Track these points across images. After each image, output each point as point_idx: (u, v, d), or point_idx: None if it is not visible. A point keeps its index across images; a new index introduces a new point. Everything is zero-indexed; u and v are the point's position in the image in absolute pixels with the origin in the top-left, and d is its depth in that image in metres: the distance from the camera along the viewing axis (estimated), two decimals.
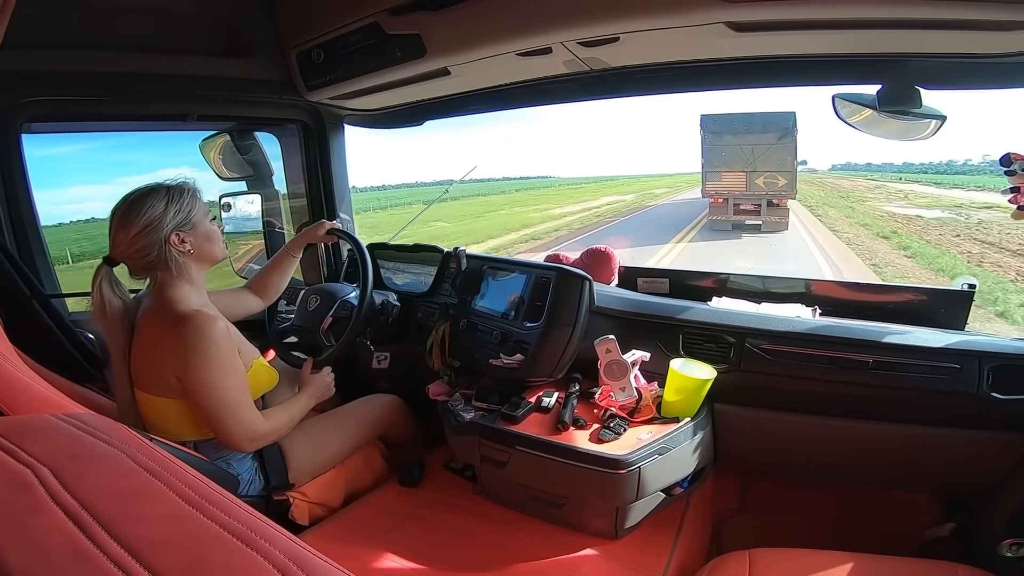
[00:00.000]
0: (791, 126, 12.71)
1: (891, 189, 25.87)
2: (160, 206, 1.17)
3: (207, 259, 1.26)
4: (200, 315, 1.16)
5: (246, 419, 1.21)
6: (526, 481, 1.31)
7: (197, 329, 1.14)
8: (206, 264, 1.26)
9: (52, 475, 0.37)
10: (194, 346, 1.14)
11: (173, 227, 1.18)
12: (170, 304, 1.18)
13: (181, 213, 1.19)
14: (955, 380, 1.19)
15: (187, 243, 1.20)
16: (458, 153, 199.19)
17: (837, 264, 9.94)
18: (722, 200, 13.36)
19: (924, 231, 13.30)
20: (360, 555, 1.22)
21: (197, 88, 1.67)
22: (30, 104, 1.47)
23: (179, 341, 1.14)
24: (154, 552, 0.32)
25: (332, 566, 0.35)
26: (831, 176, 42.22)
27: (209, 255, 1.25)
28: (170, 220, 1.17)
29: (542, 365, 1.43)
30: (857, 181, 33.69)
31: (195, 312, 1.17)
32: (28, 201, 1.53)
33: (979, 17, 0.92)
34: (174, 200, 1.18)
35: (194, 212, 1.21)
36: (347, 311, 1.55)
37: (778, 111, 13.30)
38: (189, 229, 1.20)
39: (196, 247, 1.21)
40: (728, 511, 1.60)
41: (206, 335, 1.15)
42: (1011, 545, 1.11)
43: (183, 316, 1.15)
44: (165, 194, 1.18)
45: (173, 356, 1.15)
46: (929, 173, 34.16)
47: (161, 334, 1.17)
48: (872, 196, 22.82)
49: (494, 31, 1.25)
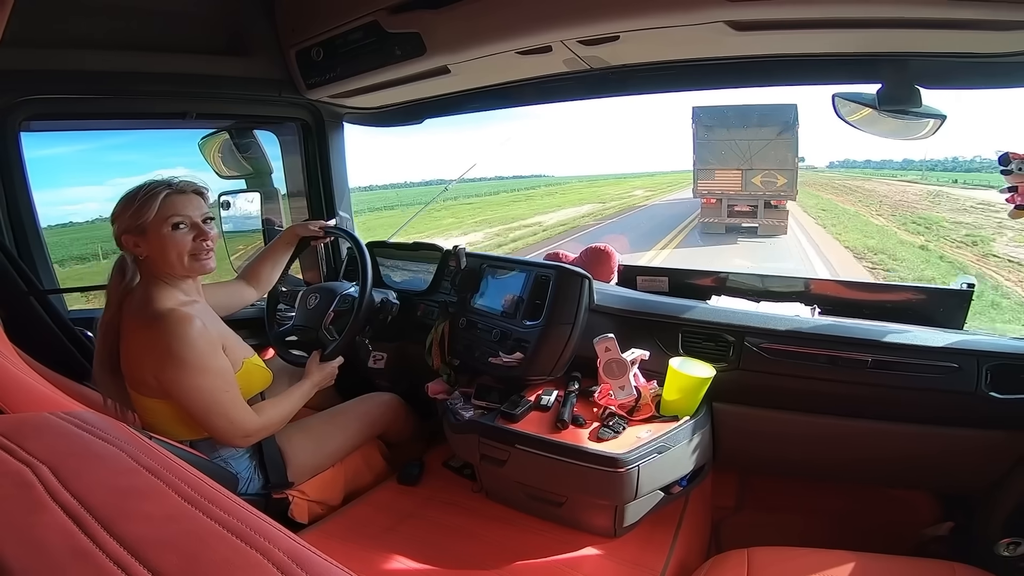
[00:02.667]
0: (792, 120, 11.58)
1: (953, 196, 18.33)
2: (120, 206, 1.15)
3: (162, 269, 1.18)
4: (173, 315, 1.13)
5: (235, 417, 1.20)
6: (525, 480, 1.31)
7: (171, 330, 1.12)
8: (166, 273, 1.18)
9: (51, 473, 0.37)
10: (169, 348, 1.12)
11: (124, 229, 1.15)
12: (147, 302, 1.16)
13: (137, 217, 1.14)
14: (953, 379, 1.19)
15: (141, 247, 1.16)
16: (450, 152, 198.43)
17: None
18: (715, 200, 12.27)
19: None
20: (360, 553, 1.22)
21: (196, 86, 1.67)
22: (29, 102, 1.47)
23: (154, 343, 1.13)
24: (154, 550, 0.32)
25: (332, 564, 0.35)
26: (840, 175, 36.00)
27: (163, 267, 1.17)
28: (125, 221, 1.15)
29: (541, 363, 1.43)
30: (888, 183, 26.20)
31: (168, 312, 1.13)
32: (27, 198, 1.52)
33: (979, 17, 0.92)
34: (137, 201, 1.14)
35: (148, 217, 1.13)
36: (348, 305, 1.55)
37: (777, 104, 11.83)
38: (139, 235, 1.15)
39: (150, 253, 1.16)
40: (727, 509, 1.60)
41: (180, 336, 1.12)
42: (1009, 544, 1.12)
43: (157, 316, 1.13)
44: (134, 195, 1.15)
45: (150, 358, 1.14)
46: (937, 170, 30.32)
47: (139, 335, 1.16)
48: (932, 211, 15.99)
49: (494, 29, 1.25)
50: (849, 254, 11.14)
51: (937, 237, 12.16)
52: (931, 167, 32.10)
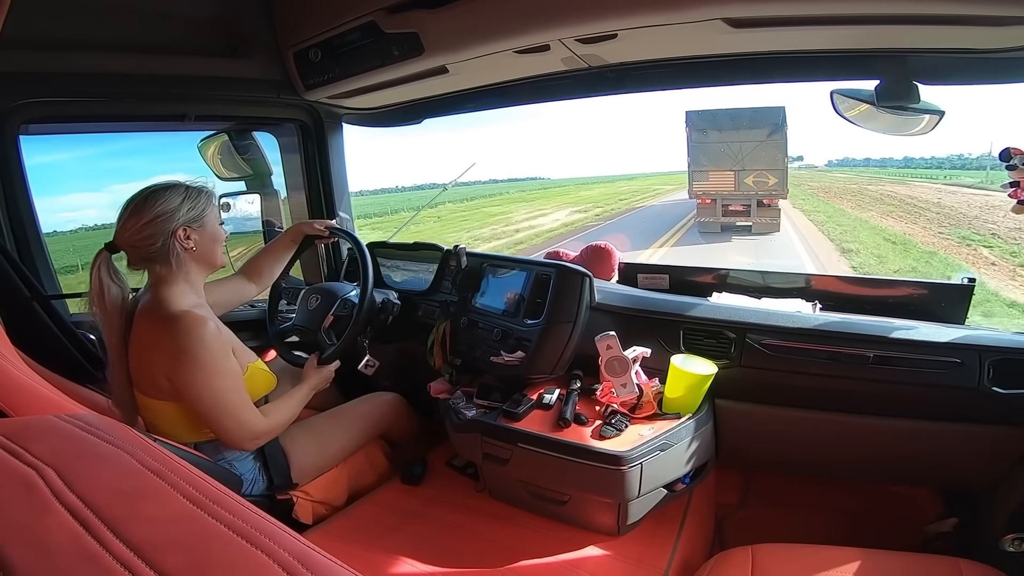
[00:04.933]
0: (780, 122, 12.01)
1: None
2: (176, 200, 1.20)
3: (207, 261, 1.26)
4: (190, 316, 1.15)
5: (244, 419, 1.21)
6: (528, 478, 1.31)
7: (187, 331, 1.14)
8: (205, 266, 1.27)
9: (57, 476, 0.37)
10: (184, 348, 1.14)
11: (184, 221, 1.20)
12: (163, 302, 1.18)
13: (195, 210, 1.21)
14: (956, 374, 1.19)
15: (192, 240, 1.21)
16: (446, 153, 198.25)
17: None
18: (710, 201, 12.67)
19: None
20: (364, 553, 1.22)
21: (195, 88, 1.67)
22: (27, 105, 1.47)
23: (169, 343, 1.14)
24: (159, 552, 0.32)
25: (337, 564, 0.35)
26: (853, 175, 30.97)
27: (210, 257, 1.26)
28: (183, 214, 1.20)
29: (543, 362, 1.43)
30: (911, 186, 21.68)
31: (185, 313, 1.16)
32: (27, 202, 1.52)
33: (976, 13, 0.92)
34: (191, 197, 1.22)
35: (207, 212, 1.24)
36: (348, 309, 1.55)
37: (766, 106, 12.51)
38: (198, 227, 1.22)
39: (200, 246, 1.23)
40: (730, 506, 1.60)
41: (196, 337, 1.14)
42: (1013, 540, 1.11)
43: (173, 317, 1.15)
44: (184, 190, 1.22)
45: (164, 358, 1.15)
46: (945, 168, 28.23)
47: (154, 334, 1.17)
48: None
49: (492, 28, 1.25)
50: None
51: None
52: (945, 165, 29.67)
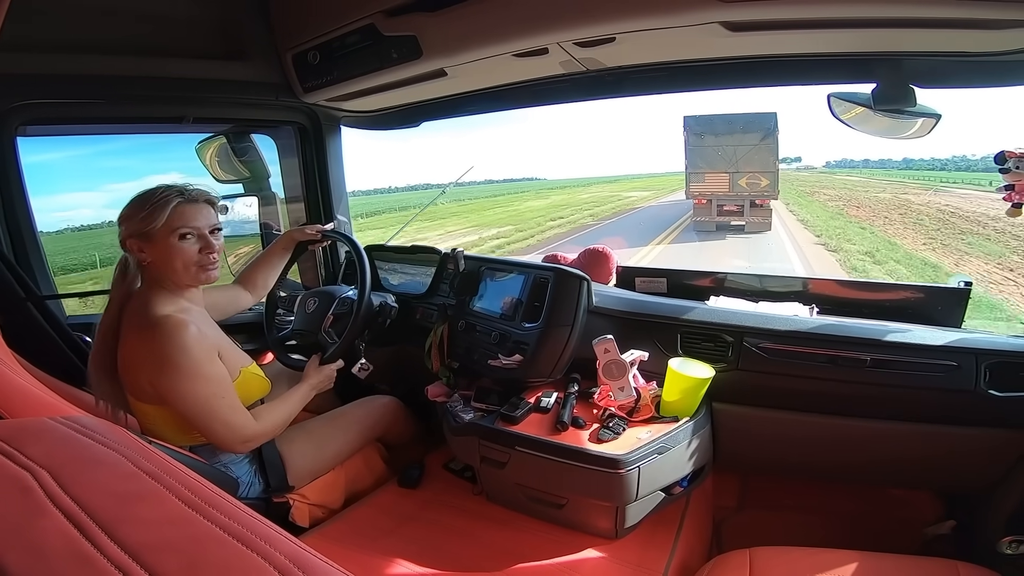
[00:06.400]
0: (772, 127, 12.89)
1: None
2: (132, 208, 1.15)
3: (167, 278, 1.18)
4: (169, 321, 1.13)
5: (233, 422, 1.19)
6: (526, 481, 1.31)
7: (167, 336, 1.11)
8: (170, 283, 1.19)
9: (52, 478, 0.37)
10: (165, 354, 1.11)
11: (130, 233, 1.15)
12: (143, 306, 1.16)
13: (144, 222, 1.13)
14: (953, 378, 1.19)
15: (145, 252, 1.16)
16: (439, 154, 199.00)
17: None
18: (706, 201, 13.55)
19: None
20: (361, 556, 1.22)
21: (193, 90, 1.67)
22: (25, 107, 1.47)
23: (149, 349, 1.12)
24: (154, 555, 0.32)
25: (333, 567, 0.35)
26: (860, 176, 30.08)
27: (167, 275, 1.17)
28: (132, 226, 1.15)
29: (541, 365, 1.43)
30: (908, 187, 22.07)
31: (165, 318, 1.13)
32: (24, 203, 1.52)
33: (972, 16, 0.92)
34: (147, 207, 1.13)
35: (156, 225, 1.13)
36: (347, 306, 1.55)
37: (759, 112, 13.54)
38: (145, 241, 1.15)
39: (154, 260, 1.16)
40: (728, 510, 1.60)
41: (176, 342, 1.11)
42: (1011, 542, 1.12)
43: (152, 322, 1.13)
44: (141, 200, 1.15)
45: (146, 364, 1.14)
46: (948, 170, 29.19)
47: (136, 339, 1.16)
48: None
49: (490, 32, 1.25)
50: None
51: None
52: (949, 167, 30.27)
